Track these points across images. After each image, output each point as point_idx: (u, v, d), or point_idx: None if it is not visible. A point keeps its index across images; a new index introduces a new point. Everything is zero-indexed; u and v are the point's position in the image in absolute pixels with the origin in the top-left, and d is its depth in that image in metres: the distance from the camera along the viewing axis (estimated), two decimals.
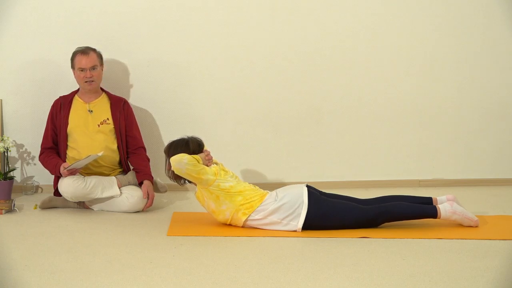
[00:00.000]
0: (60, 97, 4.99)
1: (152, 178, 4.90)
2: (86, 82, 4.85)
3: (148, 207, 4.75)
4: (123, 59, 5.33)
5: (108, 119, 4.91)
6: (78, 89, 4.98)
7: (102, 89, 5.01)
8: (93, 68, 4.86)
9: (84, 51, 4.86)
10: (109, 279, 3.29)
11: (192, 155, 4.21)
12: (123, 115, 4.95)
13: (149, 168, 4.93)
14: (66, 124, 4.87)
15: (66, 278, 3.32)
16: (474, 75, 5.57)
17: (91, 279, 3.30)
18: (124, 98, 5.05)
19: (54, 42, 5.27)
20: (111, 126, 4.91)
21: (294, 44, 5.43)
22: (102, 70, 4.95)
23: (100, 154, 4.70)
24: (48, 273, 3.39)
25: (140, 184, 4.83)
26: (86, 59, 4.83)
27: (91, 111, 4.91)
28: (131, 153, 4.96)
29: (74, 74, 4.91)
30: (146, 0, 5.31)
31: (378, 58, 5.50)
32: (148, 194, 4.74)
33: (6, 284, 3.26)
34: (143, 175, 4.84)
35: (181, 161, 4.12)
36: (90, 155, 4.66)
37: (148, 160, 5.00)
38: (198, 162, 4.19)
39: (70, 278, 3.32)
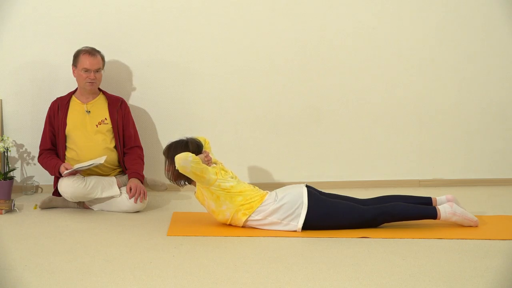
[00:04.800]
0: (57, 98, 4.99)
1: (141, 175, 4.86)
2: (87, 82, 4.86)
3: (137, 198, 4.69)
4: (123, 59, 5.33)
5: (106, 119, 4.91)
6: (75, 90, 4.98)
7: (99, 89, 5.01)
8: (97, 70, 4.87)
9: (91, 52, 4.86)
10: (109, 279, 3.29)
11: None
12: (120, 115, 4.95)
13: (140, 166, 4.91)
14: (64, 125, 4.87)
15: (66, 278, 3.32)
16: (474, 75, 5.57)
17: (91, 279, 3.30)
18: (121, 98, 5.05)
19: (54, 42, 5.27)
20: (109, 126, 4.91)
21: (294, 44, 5.43)
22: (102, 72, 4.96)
23: (102, 161, 4.68)
24: (48, 273, 3.39)
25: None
26: (93, 61, 4.84)
27: (89, 111, 4.91)
28: (126, 152, 4.96)
29: (74, 71, 4.91)
30: (146, 0, 5.31)
31: (378, 58, 5.50)
32: (132, 189, 4.69)
33: (6, 284, 3.27)
34: (130, 173, 4.84)
35: (187, 159, 4.11)
36: (92, 163, 4.66)
37: (141, 158, 4.98)
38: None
39: (70, 278, 3.32)
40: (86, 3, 5.28)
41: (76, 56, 4.89)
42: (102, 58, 4.93)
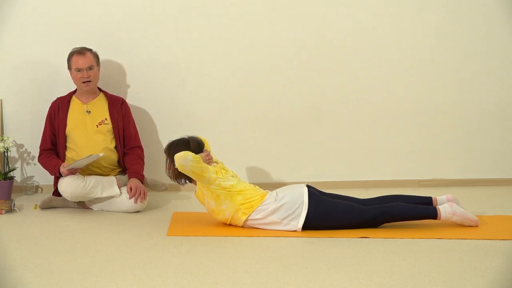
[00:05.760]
0: (58, 98, 4.99)
1: (141, 175, 4.86)
2: (83, 82, 4.86)
3: (137, 198, 4.70)
4: (123, 59, 5.33)
5: (106, 119, 4.91)
6: (76, 89, 4.98)
7: (99, 89, 5.01)
8: (90, 68, 4.86)
9: (80, 51, 4.86)
10: (109, 279, 3.29)
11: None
12: (121, 115, 4.95)
13: (140, 166, 4.90)
14: (64, 125, 4.87)
15: (66, 278, 3.32)
16: (474, 75, 5.56)
17: (91, 279, 3.30)
18: (122, 98, 5.05)
19: (54, 42, 5.27)
20: (109, 126, 4.91)
21: (294, 44, 5.43)
22: (99, 70, 4.95)
23: (100, 154, 4.69)
24: (47, 273, 3.39)
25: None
26: (83, 60, 4.83)
27: (89, 111, 4.91)
28: (126, 152, 4.95)
29: (70, 74, 4.91)
30: (146, 0, 5.31)
31: (378, 58, 5.49)
32: (132, 189, 4.70)
33: (6, 284, 3.27)
34: (130, 173, 4.83)
35: (186, 158, 4.12)
36: (90, 155, 4.66)
37: (142, 159, 4.98)
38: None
39: (70, 278, 3.32)
40: (86, 3, 5.28)
41: (68, 58, 4.90)
42: (95, 55, 4.92)
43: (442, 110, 5.57)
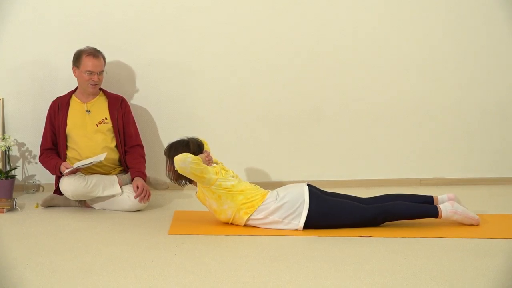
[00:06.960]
0: (57, 98, 4.98)
1: (144, 175, 4.87)
2: (90, 84, 4.85)
3: (142, 198, 4.71)
4: (124, 58, 5.33)
5: (106, 118, 4.91)
6: (75, 89, 4.98)
7: (99, 88, 5.01)
8: (101, 73, 4.86)
9: (95, 54, 4.83)
10: (110, 278, 3.30)
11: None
12: (121, 113, 4.95)
13: (142, 165, 4.91)
14: (64, 125, 4.87)
15: (67, 277, 3.32)
16: (474, 75, 5.57)
17: (92, 277, 3.30)
18: (121, 96, 5.05)
19: (54, 41, 5.27)
20: (110, 125, 4.90)
21: (294, 44, 5.44)
22: None
23: (102, 158, 4.68)
24: (49, 272, 3.39)
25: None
26: (97, 63, 4.82)
27: (89, 111, 4.91)
28: (127, 151, 4.95)
29: (74, 71, 4.89)
30: (146, 0, 5.31)
31: (378, 57, 5.50)
32: (138, 188, 4.71)
33: (7, 283, 3.27)
34: (134, 172, 4.84)
35: (186, 160, 4.12)
36: (92, 161, 4.65)
37: (143, 157, 4.98)
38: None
39: (71, 277, 3.32)
40: (86, 3, 5.28)
41: (78, 56, 4.86)
42: (104, 59, 4.92)
43: (442, 109, 5.58)
